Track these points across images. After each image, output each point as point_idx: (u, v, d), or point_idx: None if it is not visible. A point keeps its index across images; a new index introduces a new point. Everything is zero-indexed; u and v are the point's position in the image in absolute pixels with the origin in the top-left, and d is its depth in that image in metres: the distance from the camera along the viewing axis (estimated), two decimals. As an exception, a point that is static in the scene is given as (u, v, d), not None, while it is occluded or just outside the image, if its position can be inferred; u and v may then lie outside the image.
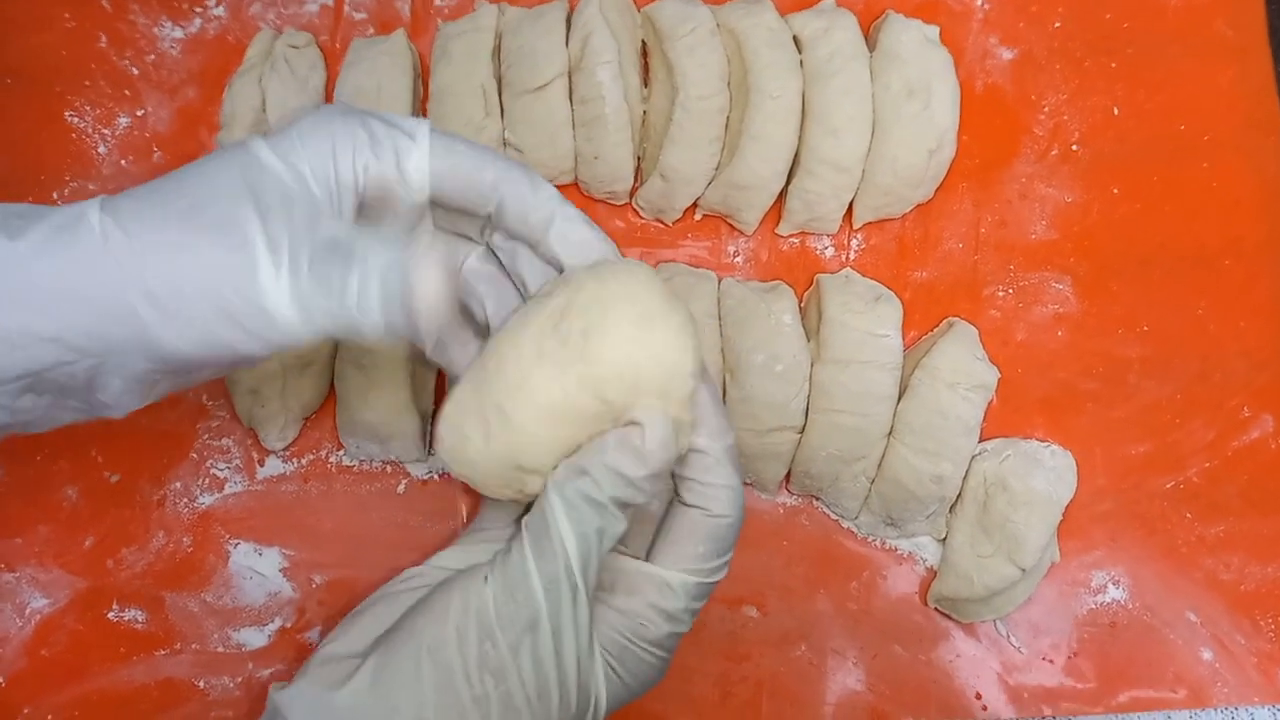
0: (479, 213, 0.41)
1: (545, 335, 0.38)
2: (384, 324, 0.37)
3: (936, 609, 0.55)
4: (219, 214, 0.36)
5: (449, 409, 0.40)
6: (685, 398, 0.38)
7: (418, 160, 0.39)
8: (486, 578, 0.38)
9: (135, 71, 0.59)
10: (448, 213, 0.42)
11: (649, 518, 0.42)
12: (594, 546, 0.38)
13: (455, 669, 0.37)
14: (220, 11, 0.59)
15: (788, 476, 0.55)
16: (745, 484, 0.56)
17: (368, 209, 0.39)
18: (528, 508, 0.40)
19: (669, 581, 0.40)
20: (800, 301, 0.56)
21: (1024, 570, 0.52)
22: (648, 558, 0.41)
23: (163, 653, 0.54)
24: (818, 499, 0.56)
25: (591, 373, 0.37)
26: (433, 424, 0.56)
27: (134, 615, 0.54)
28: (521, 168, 0.41)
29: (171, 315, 0.35)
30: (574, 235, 0.41)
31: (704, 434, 0.40)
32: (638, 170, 0.57)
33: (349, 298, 0.37)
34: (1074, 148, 0.58)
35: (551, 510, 0.38)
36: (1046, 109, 0.59)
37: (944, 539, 0.55)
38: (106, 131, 0.58)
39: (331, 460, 0.56)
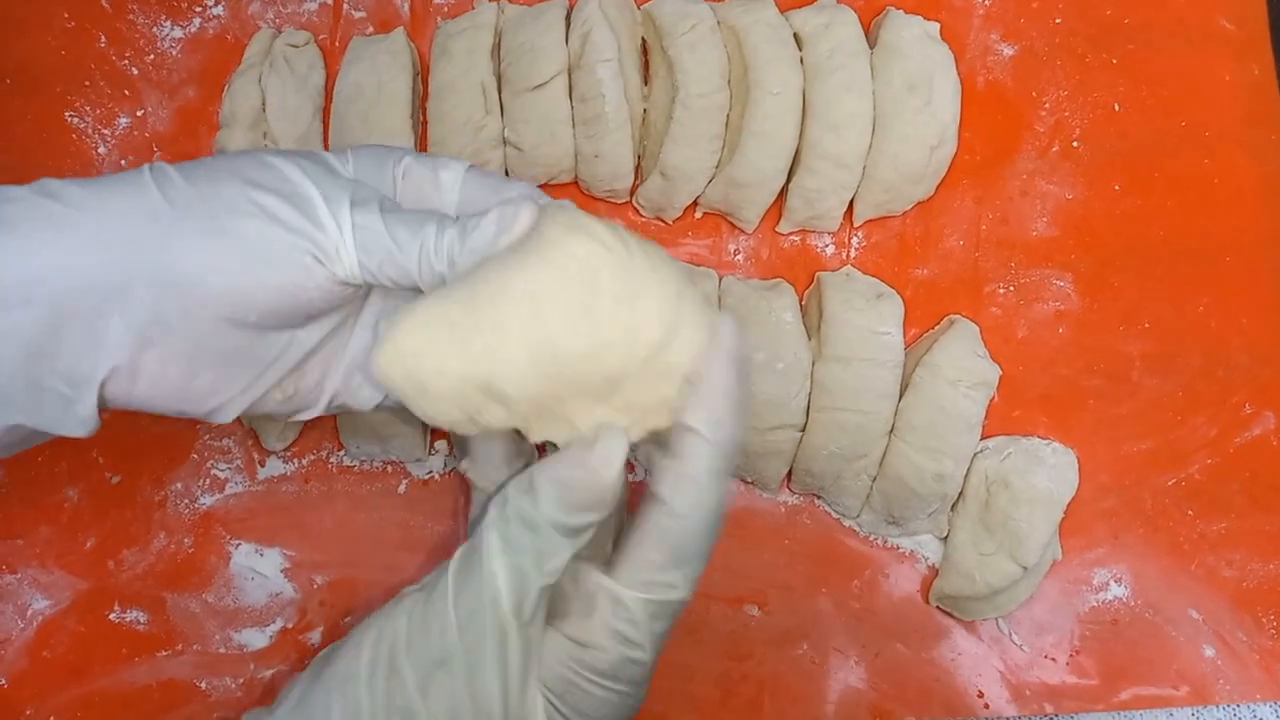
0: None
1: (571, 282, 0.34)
2: (457, 264, 0.36)
3: (938, 607, 0.55)
4: (263, 158, 0.37)
5: (415, 315, 0.35)
6: (666, 402, 0.35)
7: (451, 173, 0.40)
8: (405, 606, 0.36)
9: (135, 71, 0.59)
10: None
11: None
12: (531, 578, 0.35)
13: (363, 706, 0.35)
14: (219, 11, 0.59)
15: (789, 475, 0.55)
16: (747, 482, 0.56)
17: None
18: None
19: (620, 596, 0.36)
20: (801, 299, 0.56)
21: (1026, 568, 0.52)
22: (610, 564, 0.37)
23: (164, 654, 0.54)
24: (819, 497, 0.56)
25: (611, 333, 0.34)
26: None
27: (135, 616, 0.54)
28: (540, 192, 0.42)
29: (203, 229, 0.35)
30: None
31: (700, 416, 0.35)
32: (638, 168, 0.57)
33: (426, 237, 0.36)
34: (1075, 144, 0.58)
35: (486, 534, 0.35)
36: (1048, 105, 0.58)
37: (946, 537, 0.55)
38: (106, 132, 0.58)
39: (332, 460, 0.56)
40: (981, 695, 0.54)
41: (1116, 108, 0.58)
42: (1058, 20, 0.59)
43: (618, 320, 0.34)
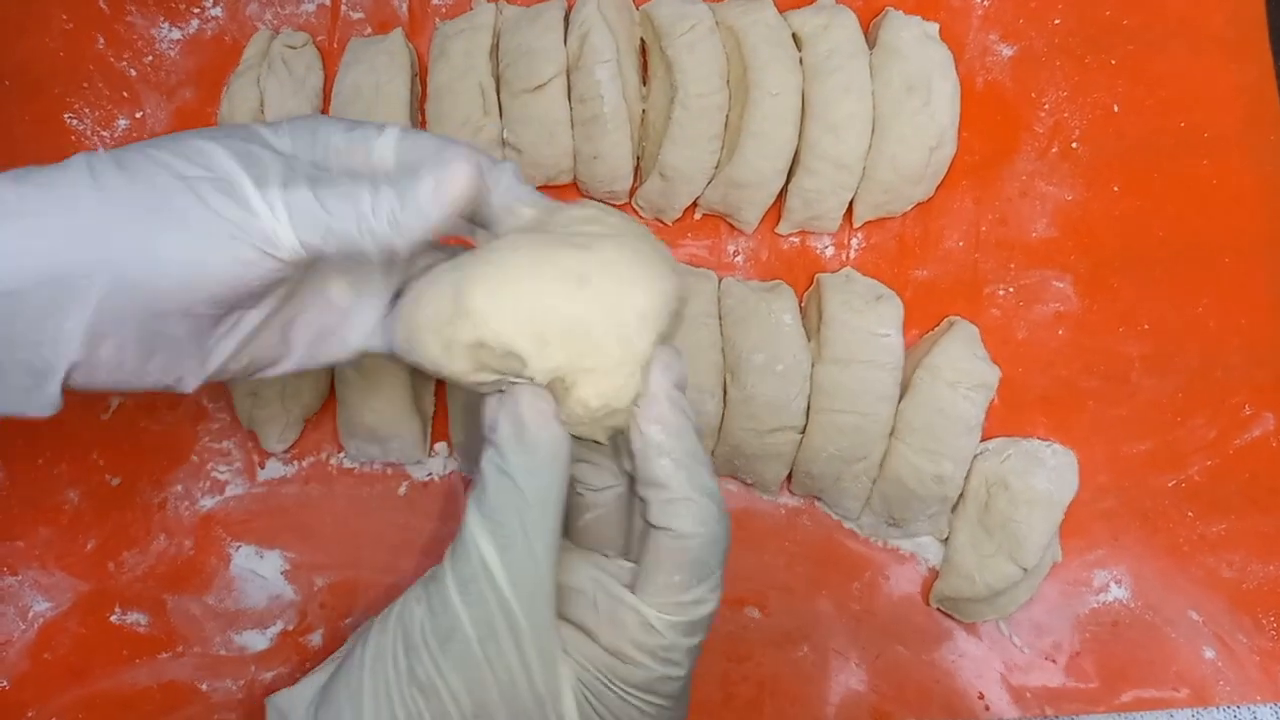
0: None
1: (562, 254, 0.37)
2: (401, 225, 0.36)
3: (939, 609, 0.55)
4: (192, 141, 0.36)
5: (434, 286, 0.38)
6: (624, 367, 0.36)
7: (385, 139, 0.38)
8: (416, 590, 0.36)
9: (133, 73, 0.59)
10: None
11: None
12: (516, 537, 0.35)
13: (391, 682, 0.36)
14: (217, 12, 0.59)
15: (789, 477, 0.55)
16: (747, 484, 0.56)
17: None
18: None
19: (648, 619, 0.36)
20: (800, 301, 0.56)
21: (1026, 570, 0.52)
22: (634, 583, 0.37)
23: (165, 655, 0.54)
24: (819, 499, 0.56)
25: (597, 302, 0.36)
26: (434, 425, 0.56)
27: (136, 618, 0.54)
28: (482, 153, 0.40)
29: (142, 221, 0.34)
30: (524, 197, 0.40)
31: (658, 432, 0.36)
32: (637, 169, 0.57)
33: (361, 203, 0.35)
34: (1074, 145, 0.58)
35: (467, 505, 0.36)
36: (1047, 106, 0.58)
37: (946, 539, 0.55)
38: (105, 133, 0.58)
39: (332, 462, 0.56)
40: (982, 697, 0.54)
41: (1115, 109, 0.58)
42: (1057, 21, 0.59)
43: (605, 293, 0.36)
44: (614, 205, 0.58)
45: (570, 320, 0.36)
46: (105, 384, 0.37)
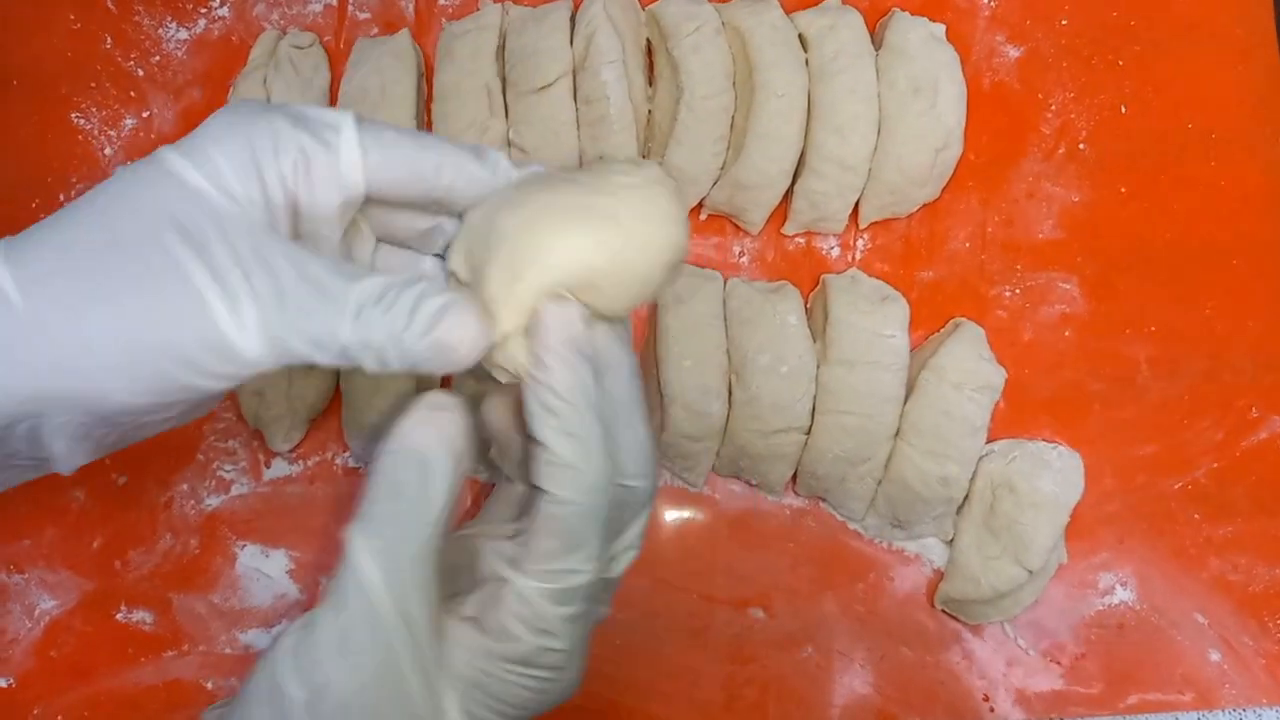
0: (426, 200, 0.37)
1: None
2: (387, 366, 0.33)
3: (944, 611, 0.55)
4: (145, 249, 0.32)
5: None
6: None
7: (348, 155, 0.34)
8: (292, 628, 0.34)
9: (140, 73, 0.59)
10: (383, 213, 0.38)
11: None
12: (398, 546, 0.33)
13: None
14: (224, 12, 0.59)
15: (794, 478, 0.55)
16: (752, 485, 0.56)
17: (298, 217, 0.35)
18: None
19: (522, 591, 0.34)
20: (806, 302, 0.56)
21: (1031, 572, 0.52)
22: (513, 556, 0.35)
23: (170, 654, 0.54)
24: (824, 500, 0.56)
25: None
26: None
27: (142, 617, 0.54)
28: (461, 145, 0.37)
29: (114, 368, 0.31)
30: None
31: (555, 384, 0.34)
32: (643, 170, 0.57)
33: (342, 331, 0.32)
34: (1081, 146, 0.58)
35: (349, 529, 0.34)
36: (1053, 107, 0.58)
37: (951, 540, 0.55)
38: (112, 133, 0.58)
39: (337, 462, 0.56)
40: (987, 699, 0.54)
41: (1123, 110, 0.58)
42: (1064, 22, 0.59)
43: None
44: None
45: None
46: (117, 447, 0.36)
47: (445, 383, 0.56)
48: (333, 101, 0.58)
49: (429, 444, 0.34)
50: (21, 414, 0.32)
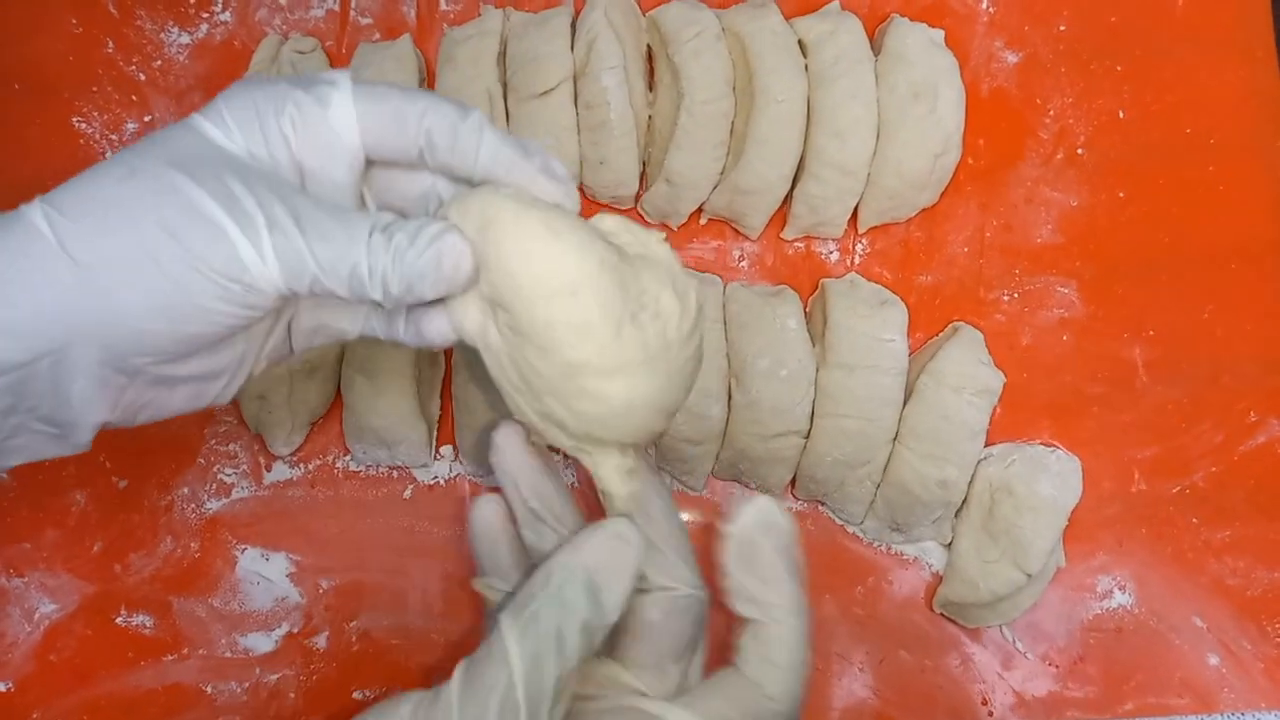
0: (410, 153, 0.38)
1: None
2: (394, 296, 0.35)
3: (942, 614, 0.55)
4: (162, 180, 0.34)
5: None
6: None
7: (341, 103, 0.36)
8: (408, 705, 0.35)
9: (142, 77, 0.59)
10: (382, 179, 0.39)
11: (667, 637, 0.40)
12: (548, 665, 0.35)
13: None
14: (227, 17, 0.60)
15: (793, 482, 0.55)
16: (750, 489, 0.56)
17: (305, 178, 0.37)
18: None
19: None
20: (805, 306, 0.56)
21: (1030, 575, 0.52)
22: (681, 701, 0.38)
23: (170, 658, 0.54)
24: (823, 504, 0.56)
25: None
26: (439, 428, 0.56)
27: (142, 620, 0.54)
28: (451, 100, 0.38)
29: (132, 285, 0.33)
30: (502, 155, 0.38)
31: (781, 603, 0.39)
32: (643, 175, 0.57)
33: (355, 262, 0.34)
34: (1079, 151, 0.58)
35: (500, 627, 0.35)
36: (1052, 112, 0.58)
37: (950, 544, 0.55)
38: (114, 137, 0.58)
39: (338, 465, 0.56)
40: (985, 703, 0.54)
41: (1121, 115, 0.58)
42: (1062, 27, 0.59)
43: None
44: (620, 210, 0.58)
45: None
46: (143, 419, 0.37)
47: (445, 394, 0.56)
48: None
49: (601, 570, 0.37)
50: (45, 347, 0.33)
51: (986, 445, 0.54)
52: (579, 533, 0.38)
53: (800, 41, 0.56)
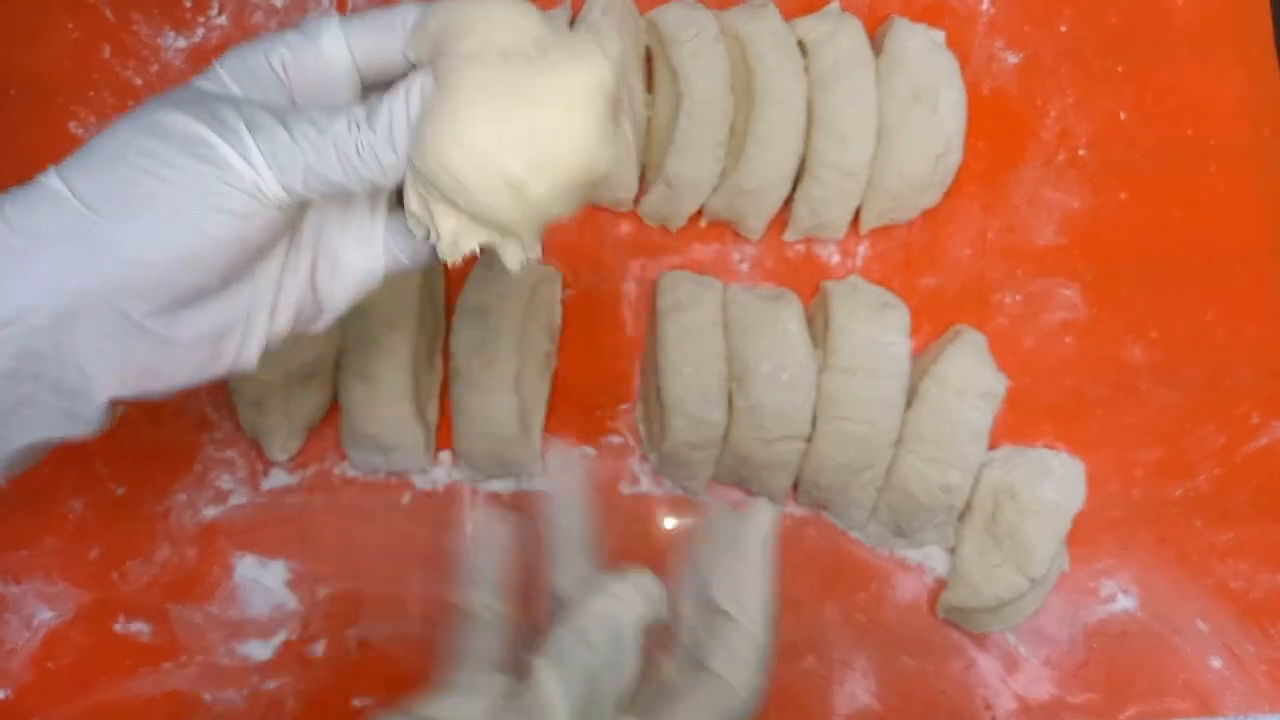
0: (399, 56, 0.37)
1: None
2: (384, 163, 0.34)
3: (946, 619, 0.55)
4: (156, 116, 0.34)
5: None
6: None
7: (330, 31, 0.36)
8: None
9: (138, 81, 0.59)
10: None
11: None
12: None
13: None
14: (223, 20, 0.59)
15: (795, 487, 0.55)
16: (752, 494, 0.55)
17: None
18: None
19: None
20: (807, 309, 0.56)
21: (1033, 580, 0.51)
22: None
23: (168, 665, 0.54)
24: (825, 509, 0.56)
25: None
26: (437, 434, 0.56)
27: (139, 628, 0.54)
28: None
29: (133, 216, 0.33)
30: None
31: (742, 605, 0.39)
32: (642, 177, 0.57)
33: (341, 141, 0.34)
34: (1081, 153, 0.58)
35: (539, 671, 0.36)
36: (1053, 114, 0.58)
37: (953, 549, 0.55)
38: (109, 142, 0.58)
39: (335, 472, 0.56)
40: (989, 708, 0.54)
41: (1122, 116, 0.58)
42: (1063, 28, 0.59)
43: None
44: (619, 213, 0.58)
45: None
46: (158, 390, 0.36)
47: (443, 400, 0.56)
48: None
49: (624, 620, 0.38)
50: (46, 300, 0.33)
51: (989, 449, 0.54)
52: (613, 582, 0.39)
53: (800, 42, 0.56)
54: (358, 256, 0.40)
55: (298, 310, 0.39)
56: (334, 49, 0.36)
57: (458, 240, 0.36)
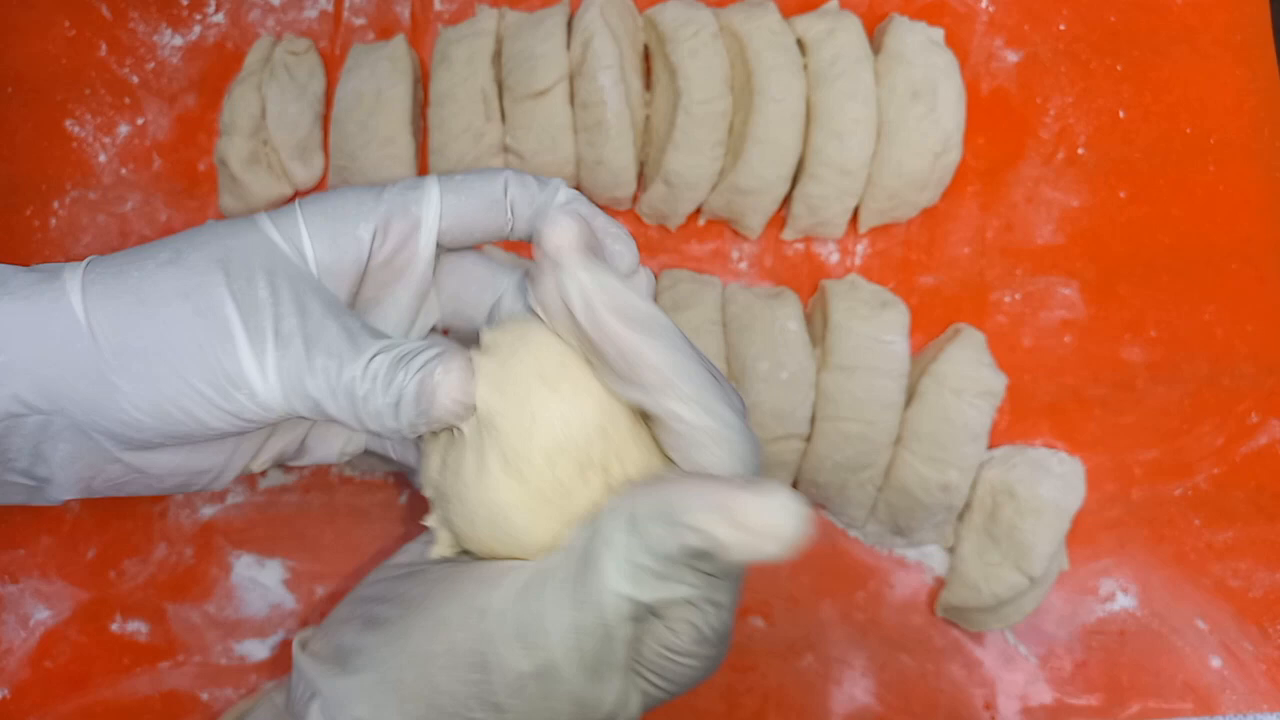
0: (500, 227, 0.37)
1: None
2: (398, 428, 0.33)
3: (944, 618, 0.54)
4: (197, 273, 0.34)
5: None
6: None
7: (429, 194, 0.36)
8: (494, 603, 0.33)
9: (135, 79, 0.58)
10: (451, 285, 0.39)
11: None
12: (650, 584, 0.32)
13: (443, 690, 0.32)
14: (220, 18, 0.59)
15: (794, 486, 0.55)
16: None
17: (373, 281, 0.37)
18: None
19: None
20: (805, 307, 0.56)
21: (1032, 579, 0.51)
22: None
23: (165, 664, 0.54)
24: (824, 508, 0.56)
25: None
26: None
27: (137, 627, 0.54)
28: (532, 176, 0.37)
29: (135, 376, 0.33)
30: (578, 203, 0.36)
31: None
32: (640, 175, 0.57)
33: (350, 383, 0.33)
34: (1080, 151, 0.58)
35: (602, 544, 0.32)
36: (1052, 112, 0.58)
37: (952, 548, 0.54)
38: (107, 140, 0.58)
39: (333, 471, 0.56)
40: (988, 707, 0.54)
41: (1122, 115, 0.58)
42: (1062, 27, 0.59)
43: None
44: (617, 212, 0.58)
45: None
46: (128, 494, 0.37)
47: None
48: (328, 107, 0.58)
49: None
50: (35, 406, 0.33)
51: (989, 448, 0.54)
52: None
53: (799, 40, 0.55)
54: (344, 430, 0.41)
55: (280, 453, 0.40)
56: (430, 211, 0.36)
57: (450, 546, 0.37)
